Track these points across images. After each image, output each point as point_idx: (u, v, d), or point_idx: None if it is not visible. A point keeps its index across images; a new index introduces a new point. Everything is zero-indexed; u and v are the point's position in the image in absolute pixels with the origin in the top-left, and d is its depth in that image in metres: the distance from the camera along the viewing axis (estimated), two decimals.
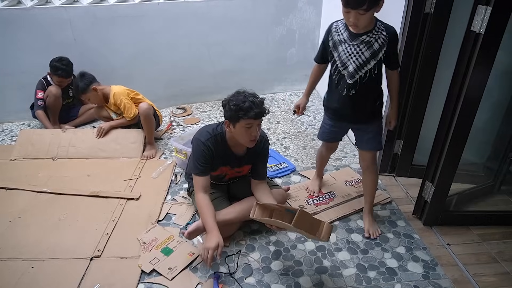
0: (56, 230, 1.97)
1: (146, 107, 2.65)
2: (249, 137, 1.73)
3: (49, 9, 2.96)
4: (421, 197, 2.00)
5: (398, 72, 1.75)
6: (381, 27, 1.61)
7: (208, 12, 3.21)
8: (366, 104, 1.75)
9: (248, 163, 1.97)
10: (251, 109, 1.65)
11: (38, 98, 2.95)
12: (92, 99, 2.76)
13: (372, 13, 1.51)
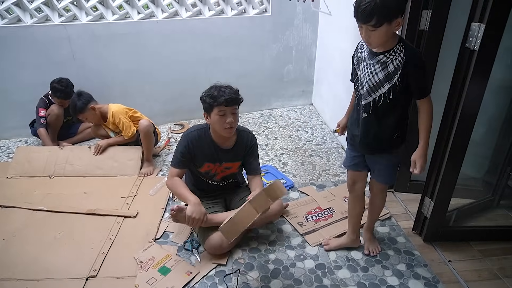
0: (52, 249, 1.94)
1: (146, 124, 2.65)
2: (223, 125, 1.80)
3: (49, 27, 2.98)
4: (421, 213, 1.99)
5: (428, 102, 1.48)
6: (401, 48, 1.41)
7: (205, 30, 3.25)
8: (378, 132, 1.57)
9: (236, 158, 1.99)
10: (221, 96, 1.77)
11: (41, 116, 2.94)
12: (90, 118, 2.75)
13: (386, 31, 1.35)
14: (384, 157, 1.66)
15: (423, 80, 1.44)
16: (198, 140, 1.92)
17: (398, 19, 1.32)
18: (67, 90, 2.92)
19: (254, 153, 2.01)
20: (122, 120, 2.68)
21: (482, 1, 1.46)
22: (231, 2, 3.26)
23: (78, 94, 2.70)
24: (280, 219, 2.15)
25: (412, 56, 1.41)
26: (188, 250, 1.93)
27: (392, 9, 1.30)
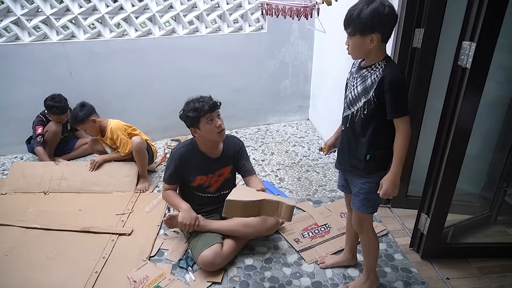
0: (44, 269, 1.91)
1: (138, 141, 2.65)
2: (215, 130, 1.89)
3: (47, 45, 3.01)
4: (417, 229, 1.97)
5: (403, 124, 1.39)
6: (382, 64, 1.40)
7: (202, 46, 3.29)
8: (354, 149, 1.52)
9: (227, 164, 2.05)
10: (203, 106, 1.86)
11: (38, 134, 2.94)
12: (88, 130, 2.75)
13: (360, 43, 1.37)
14: (358, 180, 1.56)
15: (397, 100, 1.37)
16: (186, 156, 1.98)
17: (372, 35, 1.34)
18: (61, 104, 2.93)
19: (244, 155, 2.09)
20: (120, 136, 2.68)
21: (472, 20, 1.49)
22: (227, 19, 3.31)
23: (81, 105, 2.71)
24: (276, 235, 2.13)
25: (389, 73, 1.38)
26: (183, 268, 1.91)
27: (365, 23, 1.32)
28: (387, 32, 1.37)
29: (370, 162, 1.49)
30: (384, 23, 1.33)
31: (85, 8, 3.00)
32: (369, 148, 1.47)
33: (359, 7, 1.34)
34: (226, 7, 3.27)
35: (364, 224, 1.65)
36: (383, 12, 1.31)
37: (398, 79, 1.38)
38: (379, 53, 1.41)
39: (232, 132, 3.61)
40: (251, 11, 3.34)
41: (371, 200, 1.56)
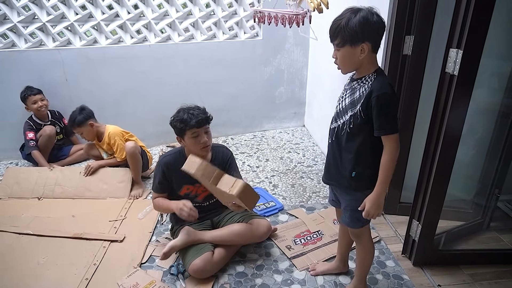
0: (34, 275, 1.90)
1: (132, 145, 2.65)
2: (199, 145, 1.86)
3: (43, 51, 3.03)
4: (409, 236, 1.97)
5: (391, 143, 1.34)
6: (372, 77, 1.35)
7: (197, 53, 3.31)
8: (338, 163, 1.47)
9: None
10: (191, 119, 1.83)
11: (29, 139, 2.95)
12: (85, 133, 2.76)
13: (349, 54, 1.33)
14: (345, 195, 1.54)
15: (384, 116, 1.31)
16: (174, 164, 1.94)
17: (362, 44, 1.30)
18: (35, 88, 2.99)
19: (232, 166, 2.06)
20: (118, 142, 2.70)
21: (459, 28, 1.50)
22: (222, 26, 3.33)
23: (80, 108, 2.73)
24: (268, 242, 2.13)
25: (378, 87, 1.32)
26: (173, 274, 1.90)
27: (355, 32, 1.28)
28: (377, 41, 1.34)
29: (356, 179, 1.43)
30: (373, 31, 1.30)
31: (81, 15, 3.03)
32: (355, 165, 1.42)
33: (346, 16, 1.30)
34: (221, 14, 3.30)
35: (362, 236, 1.62)
36: (372, 20, 1.28)
37: (386, 94, 1.31)
38: (370, 65, 1.37)
39: (228, 139, 3.61)
40: (246, 18, 3.37)
41: (359, 217, 1.50)
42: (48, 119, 3.11)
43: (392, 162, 1.36)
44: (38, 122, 3.04)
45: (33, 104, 2.96)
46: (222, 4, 3.28)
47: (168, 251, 1.83)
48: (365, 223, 1.58)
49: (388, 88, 1.33)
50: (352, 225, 1.57)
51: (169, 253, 1.85)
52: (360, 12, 1.30)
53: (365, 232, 1.62)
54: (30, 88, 2.98)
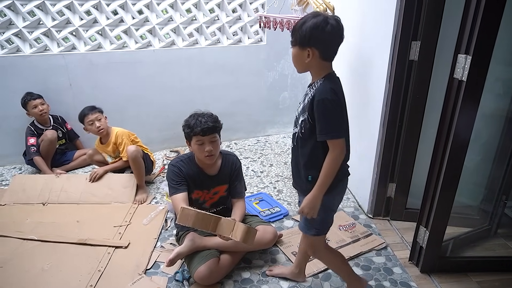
0: (38, 282, 1.88)
1: (133, 149, 2.64)
2: (203, 153, 1.86)
3: (47, 56, 3.04)
4: (416, 243, 1.95)
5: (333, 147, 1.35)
6: (319, 83, 1.36)
7: (201, 58, 3.32)
8: (297, 169, 1.50)
9: (223, 182, 2.03)
10: (197, 126, 1.82)
11: (30, 145, 2.95)
12: (102, 121, 2.75)
13: (296, 55, 1.37)
14: (303, 199, 1.49)
15: (323, 121, 1.32)
16: (185, 168, 1.96)
17: (308, 49, 1.32)
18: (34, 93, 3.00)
19: (238, 177, 2.06)
20: (125, 141, 2.72)
21: (467, 33, 1.49)
22: (227, 31, 3.34)
23: (92, 107, 2.76)
24: (273, 248, 2.11)
25: (319, 91, 1.33)
26: (178, 281, 1.88)
27: (303, 36, 1.31)
28: (326, 49, 1.34)
29: (312, 183, 1.42)
30: (321, 39, 1.30)
31: (86, 20, 3.04)
32: (309, 169, 1.43)
33: (305, 19, 1.33)
34: (226, 19, 3.31)
35: (314, 248, 1.60)
36: (324, 28, 1.28)
37: (325, 99, 1.31)
38: (320, 71, 1.38)
39: (231, 143, 3.61)
40: (250, 23, 3.38)
41: (315, 221, 1.49)
42: (50, 124, 3.11)
43: (331, 166, 1.36)
44: (39, 127, 3.04)
45: (34, 109, 2.96)
46: (226, 10, 3.29)
47: (174, 257, 1.81)
48: (319, 231, 1.54)
49: (328, 93, 1.33)
50: (305, 230, 1.56)
51: (174, 260, 1.83)
52: (317, 17, 1.30)
53: (320, 243, 1.61)
54: (30, 94, 2.99)
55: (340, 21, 1.33)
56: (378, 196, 2.35)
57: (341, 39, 1.35)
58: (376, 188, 2.33)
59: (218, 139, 1.91)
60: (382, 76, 2.10)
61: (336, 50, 1.37)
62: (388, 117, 2.14)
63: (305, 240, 1.62)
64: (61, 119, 3.20)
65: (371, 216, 2.41)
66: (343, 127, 1.37)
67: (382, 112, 2.16)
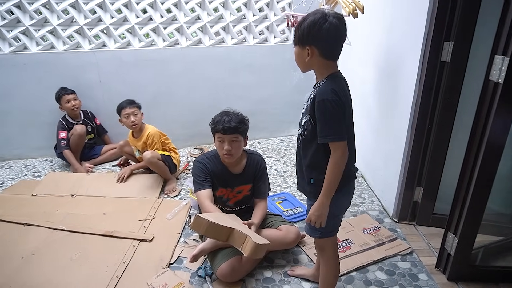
0: (67, 271, 1.95)
1: (148, 156, 2.69)
2: (222, 151, 1.89)
3: (79, 53, 3.14)
4: (444, 249, 1.90)
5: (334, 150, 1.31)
6: (321, 83, 1.33)
7: (227, 57, 3.34)
8: (301, 170, 1.48)
9: (247, 181, 2.03)
10: (220, 124, 1.85)
11: (61, 139, 3.05)
12: (138, 116, 2.81)
13: (298, 54, 1.34)
14: (308, 201, 1.51)
15: (323, 122, 1.29)
16: (211, 165, 1.99)
17: (307, 47, 1.29)
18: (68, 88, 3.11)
19: (262, 177, 2.06)
20: (155, 141, 2.79)
21: (506, 34, 1.44)
22: (253, 31, 3.35)
23: (131, 101, 2.83)
24: (296, 249, 2.10)
25: (319, 92, 1.30)
26: (201, 277, 1.90)
27: (302, 35, 1.29)
28: (326, 48, 1.30)
29: (314, 186, 1.41)
30: (319, 37, 1.27)
31: (116, 18, 3.12)
32: (312, 172, 1.41)
33: (305, 17, 1.31)
34: (252, 18, 3.31)
35: (325, 249, 1.57)
36: (321, 25, 1.25)
37: (325, 100, 1.27)
38: (323, 71, 1.35)
39: (254, 142, 3.61)
40: (277, 22, 3.37)
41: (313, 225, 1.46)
42: (80, 118, 3.20)
43: (333, 170, 1.33)
44: (70, 121, 3.14)
45: (67, 104, 3.07)
46: (253, 9, 3.30)
47: (197, 253, 1.84)
48: (324, 234, 1.50)
49: (329, 94, 1.28)
50: (310, 232, 1.52)
51: (198, 256, 1.85)
52: (316, 15, 1.27)
53: (328, 246, 1.56)
54: (64, 88, 3.10)
55: (342, 18, 1.29)
56: (404, 200, 2.30)
57: (342, 37, 1.31)
58: (402, 192, 2.28)
59: (240, 140, 1.91)
60: (411, 77, 2.05)
61: (338, 49, 1.33)
62: (417, 119, 2.08)
63: (315, 240, 1.60)
64: (91, 114, 3.30)
65: (396, 220, 2.36)
66: (344, 129, 1.32)
67: (411, 113, 2.11)
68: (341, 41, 1.32)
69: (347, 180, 1.46)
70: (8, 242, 2.18)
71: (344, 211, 1.57)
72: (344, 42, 1.33)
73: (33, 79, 3.13)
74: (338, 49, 1.33)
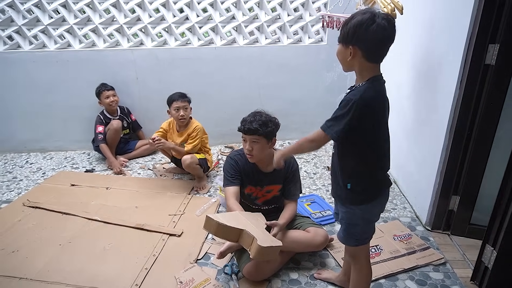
0: (100, 260, 2.03)
1: (188, 162, 2.70)
2: (245, 150, 1.92)
3: (118, 51, 3.26)
4: (481, 262, 1.80)
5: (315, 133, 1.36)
6: (359, 86, 1.30)
7: (261, 57, 3.34)
8: (336, 175, 1.45)
9: (277, 182, 2.02)
10: (243, 123, 1.90)
11: (98, 133, 3.18)
12: (187, 111, 2.82)
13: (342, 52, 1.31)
14: (341, 207, 1.48)
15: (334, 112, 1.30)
16: (242, 162, 2.01)
17: (351, 47, 1.26)
18: (108, 84, 3.22)
19: (294, 179, 2.04)
20: (198, 136, 2.81)
21: None
22: (287, 31, 3.33)
23: (183, 94, 2.83)
24: (323, 252, 2.08)
25: (352, 92, 1.29)
26: (227, 274, 1.92)
27: (346, 33, 1.26)
28: (370, 50, 1.26)
29: (351, 191, 1.39)
30: (364, 38, 1.23)
31: (154, 18, 3.20)
32: (349, 177, 1.39)
33: (353, 15, 1.27)
34: (287, 18, 3.30)
35: (358, 257, 1.54)
36: (368, 26, 1.21)
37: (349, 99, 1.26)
38: (364, 73, 1.31)
39: (285, 143, 3.60)
40: (312, 23, 3.34)
41: (354, 233, 1.47)
42: (117, 114, 3.32)
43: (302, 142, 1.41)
44: (108, 116, 3.26)
45: (106, 99, 3.19)
46: (288, 9, 3.28)
47: (224, 250, 1.86)
48: (360, 242, 1.49)
49: (356, 96, 1.25)
50: (346, 241, 1.51)
51: (225, 253, 1.87)
52: (365, 15, 1.23)
53: (362, 254, 1.53)
54: (104, 84, 3.23)
55: (392, 21, 1.25)
56: (438, 208, 2.21)
57: (390, 40, 1.27)
58: (437, 200, 2.20)
59: (261, 141, 1.90)
60: (452, 80, 1.97)
61: (384, 51, 1.29)
62: (456, 124, 2.00)
63: (347, 248, 1.58)
64: (127, 110, 3.41)
65: (429, 229, 2.27)
66: (340, 131, 1.28)
67: (450, 118, 2.03)
68: (388, 44, 1.28)
69: (383, 187, 1.45)
70: (47, 229, 2.30)
71: (379, 217, 1.54)
72: (391, 43, 1.29)
73: (74, 75, 3.28)
74: (383, 52, 1.30)
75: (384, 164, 1.43)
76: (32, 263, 2.00)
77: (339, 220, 1.54)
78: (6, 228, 2.30)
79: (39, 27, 3.18)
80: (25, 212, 2.47)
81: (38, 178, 3.03)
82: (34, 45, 3.21)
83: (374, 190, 1.41)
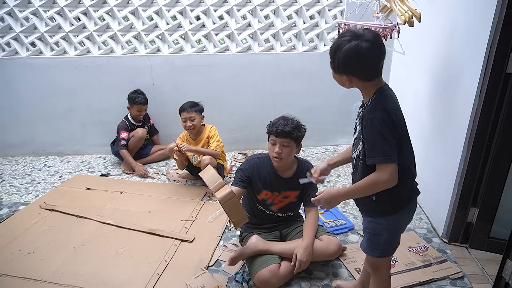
0: (112, 264, 2.05)
1: (206, 162, 2.67)
2: (272, 153, 1.89)
3: (135, 57, 3.32)
4: (501, 278, 1.73)
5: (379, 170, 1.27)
6: (369, 102, 1.30)
7: (276, 64, 3.35)
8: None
9: (295, 188, 1.99)
10: (275, 126, 1.86)
11: (122, 138, 3.20)
12: (196, 120, 2.83)
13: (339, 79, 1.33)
14: (365, 217, 1.48)
15: (369, 142, 1.26)
16: (259, 166, 1.99)
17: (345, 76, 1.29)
18: (143, 96, 3.24)
19: (313, 185, 1.99)
20: (217, 134, 2.87)
21: None
22: (303, 38, 3.33)
23: (192, 104, 2.86)
24: (336, 262, 2.04)
25: (367, 111, 1.28)
26: (238, 282, 1.91)
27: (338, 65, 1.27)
28: (364, 73, 1.28)
29: (376, 204, 1.38)
30: (355, 67, 1.26)
31: (171, 25, 3.25)
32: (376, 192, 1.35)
33: (339, 42, 1.26)
34: (303, 26, 3.30)
35: (379, 269, 1.51)
36: (356, 56, 1.22)
37: (373, 118, 1.25)
38: (369, 89, 1.31)
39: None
40: (328, 30, 3.33)
41: (377, 243, 1.44)
42: (140, 120, 3.36)
43: (368, 187, 1.30)
44: (132, 122, 3.30)
45: (137, 111, 3.23)
46: (304, 16, 3.29)
47: (236, 256, 1.84)
48: (383, 253, 1.45)
49: (376, 112, 1.26)
50: (369, 251, 1.48)
51: (237, 259, 1.86)
52: (351, 42, 1.23)
53: (384, 266, 1.51)
54: (142, 94, 3.24)
55: (377, 35, 1.26)
56: (456, 220, 2.15)
57: (381, 57, 1.27)
58: (454, 211, 2.14)
59: (291, 145, 1.89)
60: (471, 89, 1.93)
61: (378, 67, 1.29)
62: (476, 134, 1.95)
63: (369, 259, 1.54)
64: (147, 116, 3.44)
65: (446, 241, 2.21)
66: (394, 150, 1.26)
67: (469, 128, 1.98)
68: (379, 60, 1.28)
69: (413, 196, 1.44)
70: (62, 232, 2.34)
71: (405, 228, 1.51)
72: (383, 58, 1.29)
73: (93, 80, 3.35)
74: (378, 68, 1.30)
75: (412, 173, 1.41)
76: (47, 265, 2.03)
77: (363, 229, 1.52)
78: (23, 230, 2.35)
79: (60, 34, 3.26)
80: (42, 215, 2.52)
81: (55, 181, 3.09)
82: (55, 51, 3.29)
83: (400, 201, 1.38)
